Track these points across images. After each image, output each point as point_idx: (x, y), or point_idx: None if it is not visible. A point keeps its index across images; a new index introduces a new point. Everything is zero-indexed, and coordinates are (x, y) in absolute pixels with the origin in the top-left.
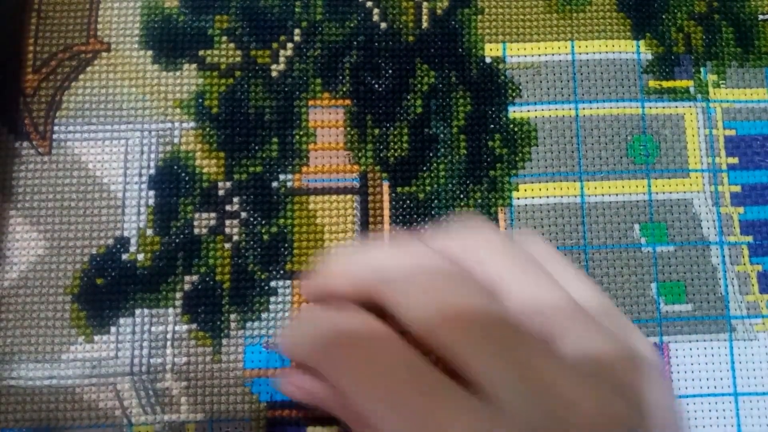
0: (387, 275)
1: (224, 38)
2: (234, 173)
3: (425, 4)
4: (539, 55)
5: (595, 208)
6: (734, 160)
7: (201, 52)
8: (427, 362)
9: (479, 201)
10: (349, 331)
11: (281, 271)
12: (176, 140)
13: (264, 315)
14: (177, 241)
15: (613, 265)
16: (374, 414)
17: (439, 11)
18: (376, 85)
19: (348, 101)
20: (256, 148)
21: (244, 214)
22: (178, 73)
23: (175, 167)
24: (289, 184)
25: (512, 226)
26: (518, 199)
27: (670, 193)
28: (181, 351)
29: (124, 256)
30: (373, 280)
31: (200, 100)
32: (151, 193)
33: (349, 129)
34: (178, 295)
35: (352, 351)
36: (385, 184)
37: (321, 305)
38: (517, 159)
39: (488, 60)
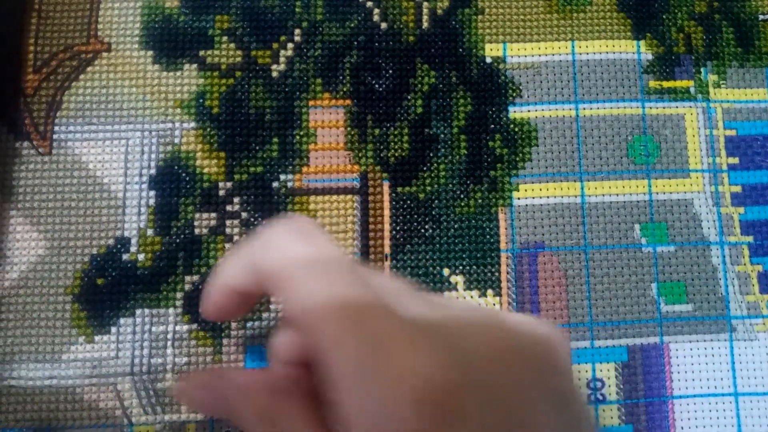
0: (287, 262)
1: (224, 38)
2: (234, 173)
3: (425, 4)
4: (539, 55)
5: (595, 208)
6: (735, 160)
7: (201, 53)
8: None
9: (479, 201)
10: None
11: None
12: (177, 140)
13: (265, 315)
14: (178, 241)
15: (614, 265)
16: None
17: (439, 11)
18: (377, 85)
19: (348, 101)
20: (257, 148)
21: (244, 215)
22: (178, 74)
23: (176, 167)
24: (289, 184)
25: (512, 226)
26: (519, 199)
27: (671, 193)
28: (182, 351)
29: (125, 256)
30: (271, 266)
31: (201, 101)
32: (152, 193)
33: (349, 129)
34: (179, 295)
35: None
36: (386, 184)
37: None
38: (517, 159)
39: (489, 60)
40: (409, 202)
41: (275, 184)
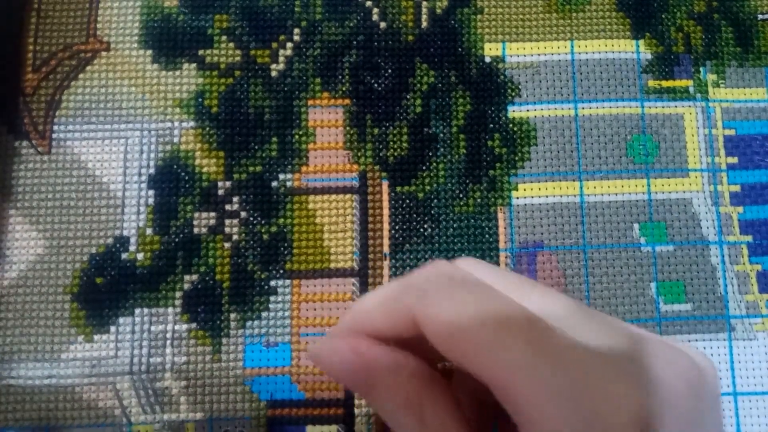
0: (423, 289)
1: (224, 38)
2: (234, 173)
3: (425, 3)
4: (539, 55)
5: (594, 208)
6: (733, 160)
7: (201, 52)
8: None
9: (478, 200)
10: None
11: (281, 271)
12: (176, 140)
13: (264, 314)
14: (177, 240)
15: (613, 265)
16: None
17: (438, 11)
18: (376, 85)
19: (347, 101)
20: (256, 147)
21: (243, 214)
22: (177, 73)
23: (175, 167)
24: (288, 183)
25: (511, 226)
26: (518, 198)
27: (670, 192)
28: (181, 350)
29: (124, 256)
30: (411, 296)
31: (200, 100)
32: (151, 192)
33: (348, 128)
34: (178, 294)
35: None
36: (385, 184)
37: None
38: (516, 158)
39: (488, 59)
40: (408, 201)
41: (274, 184)
